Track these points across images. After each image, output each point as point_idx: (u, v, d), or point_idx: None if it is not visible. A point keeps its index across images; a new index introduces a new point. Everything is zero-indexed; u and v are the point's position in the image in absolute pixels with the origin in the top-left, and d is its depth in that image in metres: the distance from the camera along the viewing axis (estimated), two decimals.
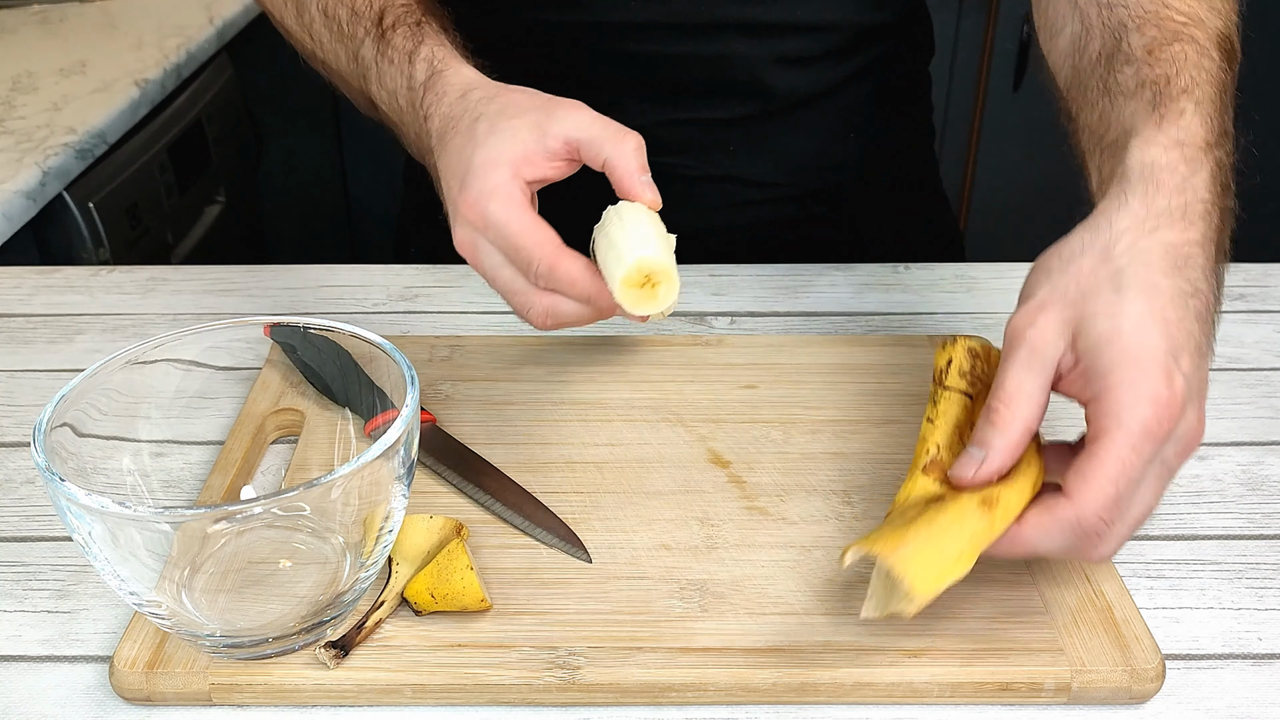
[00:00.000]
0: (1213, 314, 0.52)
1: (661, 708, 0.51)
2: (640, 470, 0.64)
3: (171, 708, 0.51)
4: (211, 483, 0.61)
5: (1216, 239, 0.53)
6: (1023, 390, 0.50)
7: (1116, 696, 0.51)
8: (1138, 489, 0.48)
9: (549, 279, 0.56)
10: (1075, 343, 0.51)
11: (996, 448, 0.50)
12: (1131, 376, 0.48)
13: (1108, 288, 0.50)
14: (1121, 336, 0.49)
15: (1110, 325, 0.49)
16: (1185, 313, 0.50)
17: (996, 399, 0.51)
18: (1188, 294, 0.50)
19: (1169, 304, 0.50)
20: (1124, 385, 0.48)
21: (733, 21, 0.84)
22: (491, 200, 0.56)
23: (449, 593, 0.53)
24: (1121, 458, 0.47)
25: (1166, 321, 0.49)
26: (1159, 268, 0.50)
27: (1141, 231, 0.51)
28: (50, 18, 1.61)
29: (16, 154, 1.16)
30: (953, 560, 0.47)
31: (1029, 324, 0.51)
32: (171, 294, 0.85)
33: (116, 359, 0.55)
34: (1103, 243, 0.52)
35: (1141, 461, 0.48)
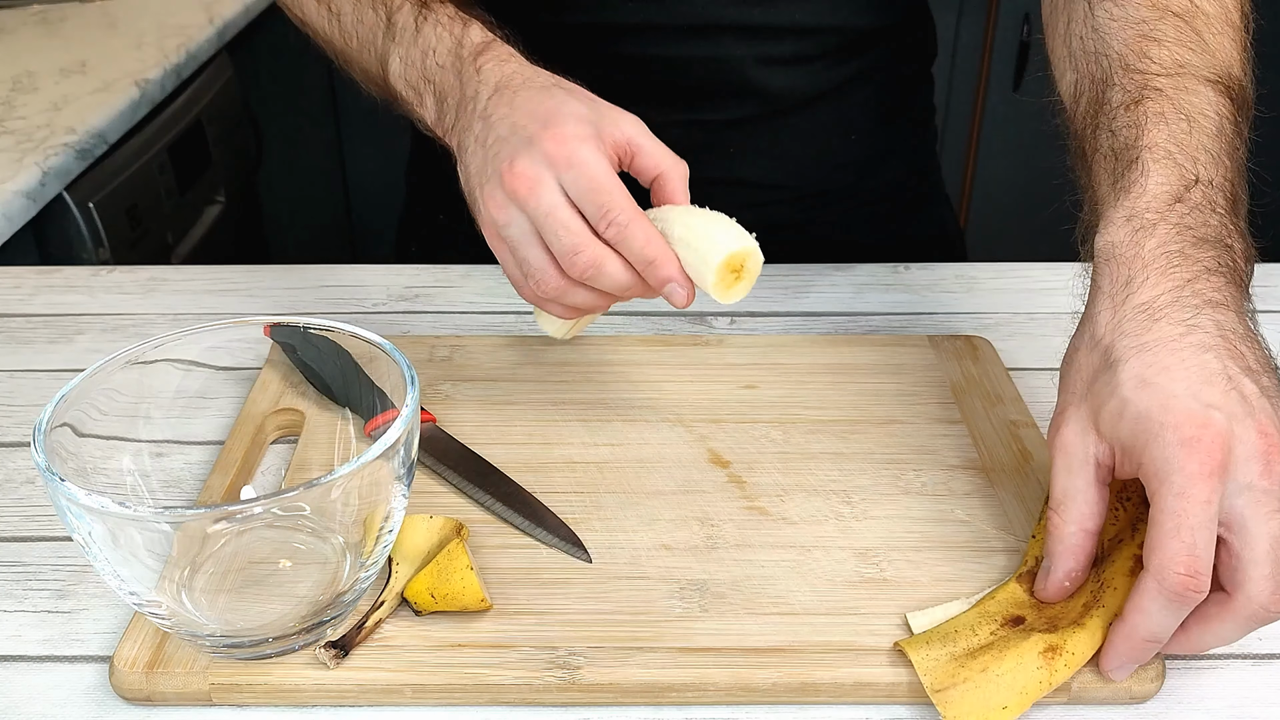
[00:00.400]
0: (1241, 328, 0.51)
1: (661, 708, 0.51)
2: (640, 470, 0.64)
3: (171, 708, 0.51)
4: (211, 483, 0.61)
5: (1208, 268, 0.52)
6: (1068, 493, 0.52)
7: (1116, 696, 0.51)
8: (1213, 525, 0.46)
9: (622, 231, 0.57)
10: (1101, 433, 0.51)
11: (1057, 553, 0.52)
12: (1154, 432, 0.48)
13: (1103, 369, 0.51)
14: (1129, 405, 0.49)
15: (1117, 401, 0.50)
16: (1188, 352, 0.49)
17: (1049, 509, 0.53)
18: (1182, 334, 0.50)
19: (1165, 354, 0.49)
20: (1153, 444, 0.48)
21: (730, 24, 0.84)
22: (584, 144, 0.57)
23: (449, 593, 0.53)
24: (1174, 510, 0.46)
25: (1168, 369, 0.49)
26: (1140, 328, 0.51)
27: (1114, 306, 0.52)
28: (50, 18, 1.61)
29: (16, 154, 1.16)
30: (997, 710, 0.48)
31: (1056, 432, 0.53)
32: (171, 294, 0.85)
33: (116, 359, 0.55)
34: (1089, 332, 0.54)
35: (1198, 504, 0.46)
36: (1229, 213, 0.55)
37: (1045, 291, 0.86)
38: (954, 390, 0.71)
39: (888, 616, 0.54)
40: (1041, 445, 0.66)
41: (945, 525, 0.60)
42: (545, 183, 0.57)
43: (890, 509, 0.61)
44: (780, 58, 0.86)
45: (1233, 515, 0.47)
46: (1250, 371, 0.49)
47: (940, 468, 0.64)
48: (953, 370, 0.73)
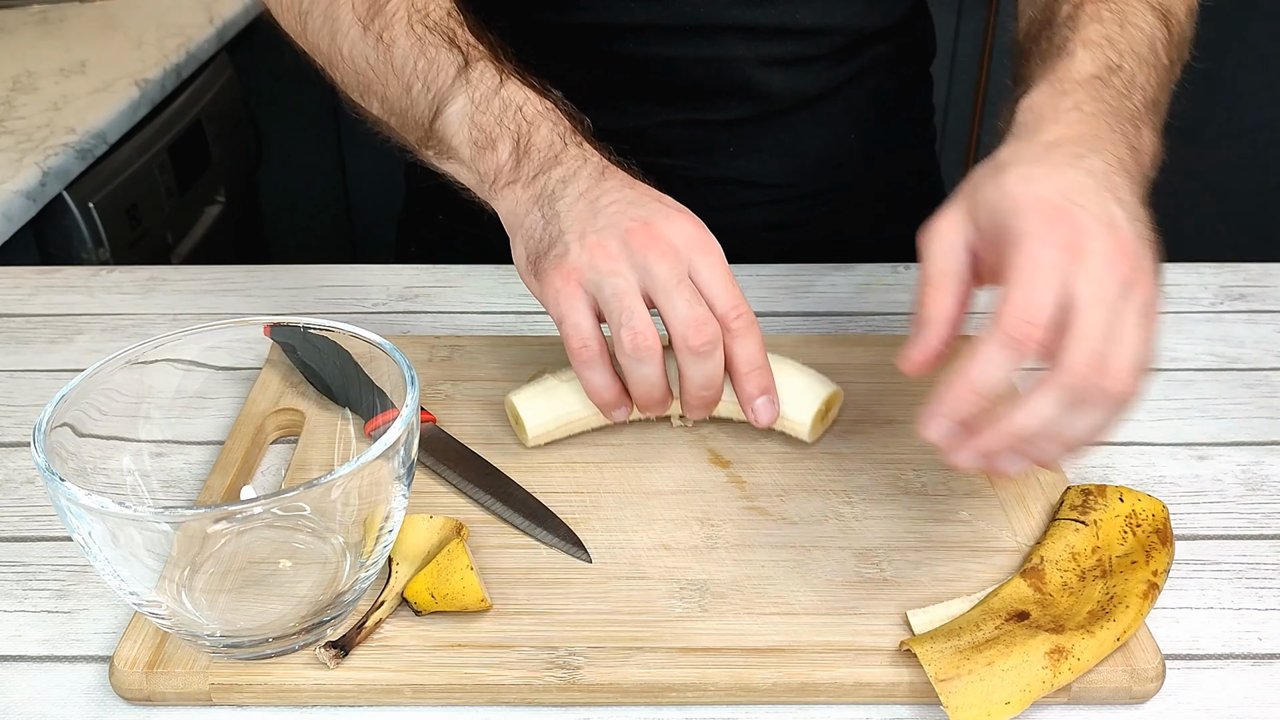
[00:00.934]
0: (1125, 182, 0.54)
1: (661, 708, 0.51)
2: (640, 470, 0.64)
3: (171, 708, 0.51)
4: (211, 483, 0.61)
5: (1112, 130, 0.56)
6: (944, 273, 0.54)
7: (1116, 696, 0.51)
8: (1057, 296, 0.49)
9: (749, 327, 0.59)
10: (976, 220, 0.54)
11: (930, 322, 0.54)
12: (1020, 210, 0.51)
13: (991, 175, 0.54)
14: (1004, 190, 0.52)
15: (994, 187, 0.53)
16: (1071, 172, 0.52)
17: (921, 286, 0.54)
18: (1071, 162, 0.53)
19: (1049, 168, 0.53)
20: (1017, 219, 0.51)
21: (731, 24, 0.84)
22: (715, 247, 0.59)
23: (449, 593, 0.53)
24: (1024, 269, 0.50)
25: (1049, 177, 0.52)
26: (1035, 154, 0.54)
27: (1017, 142, 0.56)
28: (50, 18, 1.61)
29: (16, 154, 1.16)
30: (999, 705, 0.48)
31: (934, 221, 0.55)
32: (171, 294, 0.85)
33: (116, 359, 0.55)
34: (991, 160, 0.56)
35: (1047, 266, 0.49)
36: (1145, 108, 0.58)
37: None
38: None
39: (888, 616, 0.54)
40: None
41: (945, 525, 0.60)
42: (678, 255, 0.58)
43: (890, 509, 0.61)
44: (781, 58, 0.86)
45: (1072, 296, 0.49)
46: (1122, 202, 0.52)
47: (940, 468, 0.64)
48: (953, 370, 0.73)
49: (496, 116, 0.64)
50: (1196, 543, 0.61)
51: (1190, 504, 0.63)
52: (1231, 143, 2.37)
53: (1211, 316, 0.82)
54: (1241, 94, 2.30)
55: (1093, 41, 0.59)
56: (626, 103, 0.89)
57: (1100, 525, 0.57)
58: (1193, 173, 2.41)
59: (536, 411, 0.64)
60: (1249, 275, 0.88)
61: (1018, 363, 0.49)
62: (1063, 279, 0.49)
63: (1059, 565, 0.55)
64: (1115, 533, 0.57)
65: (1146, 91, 0.59)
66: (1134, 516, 0.58)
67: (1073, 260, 0.49)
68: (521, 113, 0.63)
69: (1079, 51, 0.59)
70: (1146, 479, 0.65)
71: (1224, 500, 0.64)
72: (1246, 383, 0.74)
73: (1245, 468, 0.66)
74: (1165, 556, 0.56)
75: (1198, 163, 2.39)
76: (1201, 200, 2.45)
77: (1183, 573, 0.59)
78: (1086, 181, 0.52)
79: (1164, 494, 0.64)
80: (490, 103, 0.64)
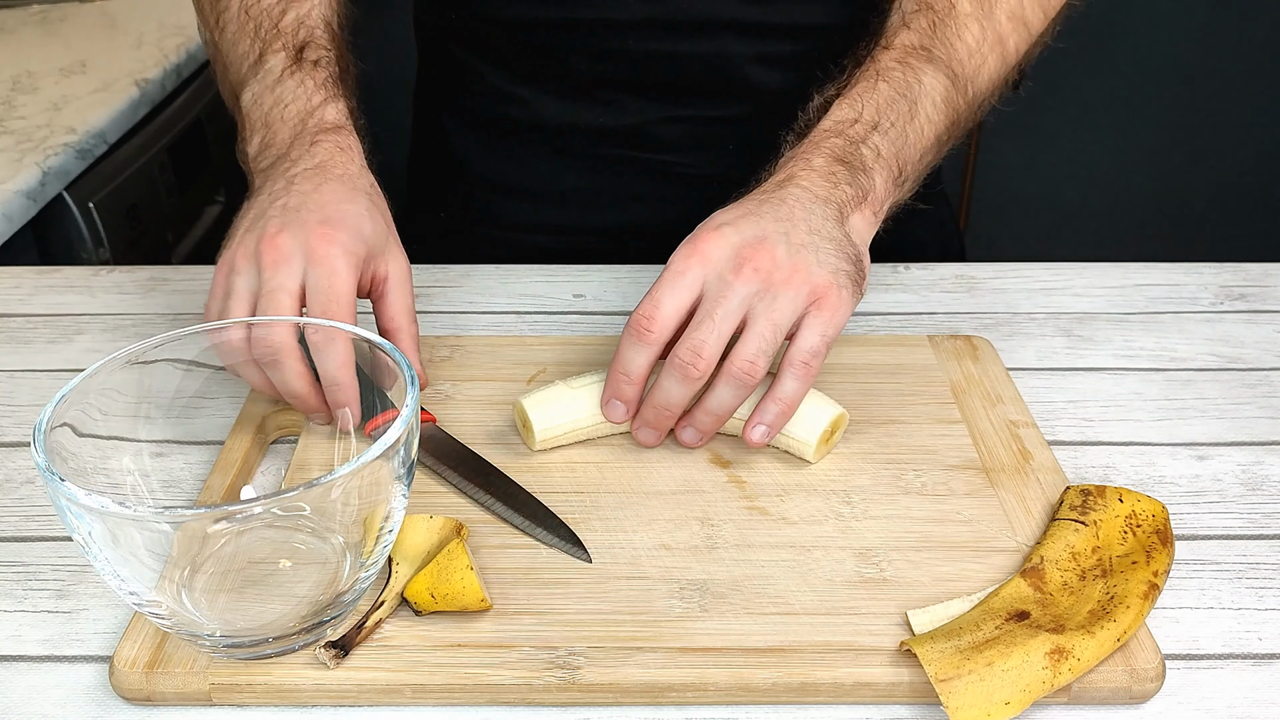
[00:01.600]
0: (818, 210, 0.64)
1: (661, 708, 0.51)
2: (640, 470, 0.64)
3: (171, 708, 0.51)
4: (211, 483, 0.61)
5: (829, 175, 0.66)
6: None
7: (1116, 696, 0.51)
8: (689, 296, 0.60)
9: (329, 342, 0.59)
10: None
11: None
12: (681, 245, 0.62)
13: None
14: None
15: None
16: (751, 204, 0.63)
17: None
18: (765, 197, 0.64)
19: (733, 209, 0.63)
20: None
21: (729, 21, 0.84)
22: (345, 257, 0.62)
23: (449, 593, 0.53)
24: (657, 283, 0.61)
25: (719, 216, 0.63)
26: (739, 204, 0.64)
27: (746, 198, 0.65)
28: (50, 18, 1.61)
29: (16, 154, 1.16)
30: (1000, 705, 0.48)
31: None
32: (171, 294, 0.85)
33: (116, 359, 0.55)
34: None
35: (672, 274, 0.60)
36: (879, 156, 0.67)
37: (1045, 291, 0.86)
38: (954, 390, 0.71)
39: (888, 616, 0.54)
40: (1042, 445, 0.66)
41: (945, 525, 0.60)
42: (291, 265, 0.61)
43: (890, 509, 0.61)
44: (779, 56, 0.86)
45: (706, 298, 0.60)
46: (791, 222, 0.62)
47: (940, 468, 0.64)
48: (953, 370, 0.73)
49: (265, 111, 0.70)
50: (1196, 543, 0.61)
51: (1190, 504, 0.63)
52: (1231, 143, 2.37)
53: (1211, 316, 0.82)
54: (1241, 94, 2.30)
55: (847, 99, 0.69)
56: (626, 100, 0.89)
57: (1100, 525, 0.57)
58: (1193, 173, 2.42)
59: (546, 416, 0.64)
60: (1249, 275, 0.88)
61: (647, 351, 0.61)
62: (689, 280, 0.60)
63: (1059, 565, 0.55)
64: (1115, 533, 0.57)
65: (889, 138, 0.68)
66: (1134, 517, 0.58)
67: (704, 265, 0.60)
68: (283, 111, 0.70)
69: (832, 109, 0.69)
70: (1146, 479, 0.65)
71: (1224, 500, 0.64)
72: (1247, 383, 0.74)
73: (1245, 468, 0.66)
74: (1166, 557, 0.56)
75: (1198, 163, 2.39)
76: (1201, 200, 2.45)
77: (1183, 573, 0.59)
78: (754, 210, 0.62)
79: (1164, 494, 0.64)
80: (264, 96, 0.71)
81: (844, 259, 0.63)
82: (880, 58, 0.72)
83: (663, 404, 0.62)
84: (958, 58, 0.74)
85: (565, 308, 0.84)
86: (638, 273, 0.88)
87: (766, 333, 0.60)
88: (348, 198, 0.65)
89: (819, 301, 0.61)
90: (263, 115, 0.70)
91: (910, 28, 0.74)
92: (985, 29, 0.76)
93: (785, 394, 0.61)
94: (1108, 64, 2.29)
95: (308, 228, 0.62)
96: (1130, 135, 2.38)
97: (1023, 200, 2.43)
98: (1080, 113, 2.35)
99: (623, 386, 0.63)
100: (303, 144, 0.68)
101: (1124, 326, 0.81)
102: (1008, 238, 2.42)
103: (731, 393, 0.61)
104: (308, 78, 0.71)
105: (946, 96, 0.72)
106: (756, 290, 0.60)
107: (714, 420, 0.63)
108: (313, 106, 0.70)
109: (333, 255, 0.61)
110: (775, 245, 0.61)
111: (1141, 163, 2.41)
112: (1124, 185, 2.43)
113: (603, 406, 0.64)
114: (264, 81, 0.71)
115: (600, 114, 0.90)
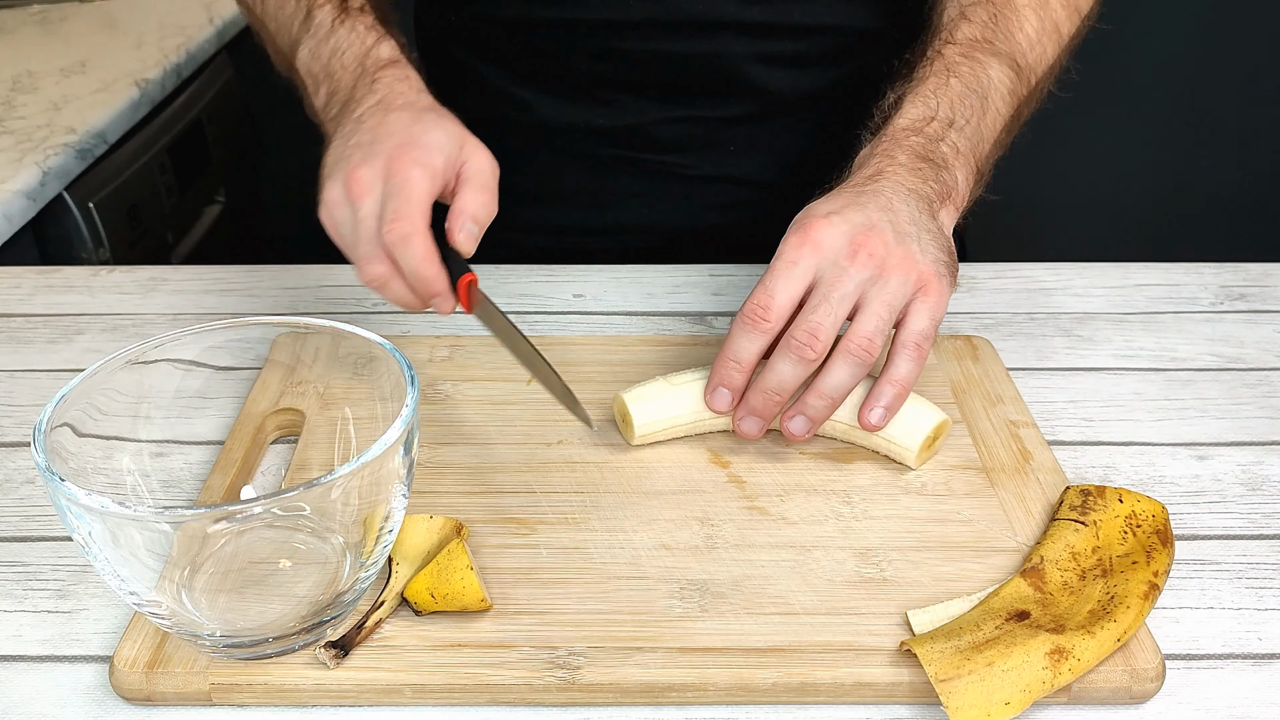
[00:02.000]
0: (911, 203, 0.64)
1: (661, 708, 0.51)
2: (640, 470, 0.64)
3: (171, 708, 0.51)
4: (211, 483, 0.61)
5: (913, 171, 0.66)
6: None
7: (1116, 696, 0.51)
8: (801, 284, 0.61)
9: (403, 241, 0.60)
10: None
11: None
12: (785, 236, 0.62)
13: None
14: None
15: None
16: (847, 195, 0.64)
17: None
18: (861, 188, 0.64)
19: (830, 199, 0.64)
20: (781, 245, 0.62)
21: (730, 20, 0.84)
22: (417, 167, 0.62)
23: (449, 593, 0.53)
24: (769, 271, 0.61)
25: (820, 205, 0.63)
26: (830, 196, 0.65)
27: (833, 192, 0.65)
28: (50, 18, 1.61)
29: (16, 154, 1.16)
30: (1000, 705, 0.48)
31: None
32: (171, 294, 0.85)
33: (116, 359, 0.55)
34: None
35: (784, 264, 0.61)
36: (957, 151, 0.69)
37: (1045, 291, 0.86)
38: (954, 390, 0.71)
39: (888, 616, 0.54)
40: (1042, 445, 0.66)
41: (945, 525, 0.60)
42: (374, 193, 0.62)
43: (890, 509, 0.61)
44: (779, 56, 0.86)
45: (819, 280, 0.61)
46: (894, 212, 0.63)
47: (940, 468, 0.64)
48: (953, 370, 0.73)
49: (324, 63, 0.73)
50: (1196, 543, 0.61)
51: (1190, 504, 0.63)
52: (1231, 143, 2.37)
53: (1211, 316, 0.82)
54: (1242, 94, 2.30)
55: (920, 96, 0.70)
56: (626, 100, 0.89)
57: (1100, 526, 0.57)
58: (1193, 173, 2.42)
59: (646, 411, 0.65)
60: (1249, 275, 0.88)
61: (761, 339, 0.61)
62: (802, 269, 0.60)
63: (1059, 564, 0.55)
64: (1115, 533, 0.57)
65: (965, 134, 0.69)
66: (1134, 517, 0.58)
67: (816, 253, 0.61)
68: (341, 59, 0.72)
69: (905, 106, 0.70)
70: (1146, 479, 0.65)
71: (1224, 500, 0.64)
72: (1247, 383, 0.74)
73: (1245, 468, 0.66)
74: (1166, 557, 0.56)
75: (1198, 163, 2.40)
76: (1201, 200, 2.45)
77: (1183, 573, 0.59)
78: (855, 200, 0.63)
79: (1164, 494, 0.64)
80: (321, 50, 0.73)
81: (942, 249, 0.64)
82: (946, 52, 0.73)
83: (774, 387, 0.61)
84: (1019, 50, 0.75)
85: (565, 308, 0.84)
86: (638, 273, 0.88)
87: (883, 313, 0.61)
88: (413, 119, 0.66)
89: (925, 288, 0.62)
90: (323, 67, 0.73)
91: (971, 20, 0.75)
92: (1043, 19, 0.77)
93: (901, 375, 0.62)
94: (1108, 64, 2.29)
95: (382, 156, 0.63)
96: (1130, 135, 2.38)
97: (1023, 200, 2.42)
98: (1080, 113, 2.35)
99: (732, 374, 0.62)
100: (364, 84, 0.69)
101: (1124, 326, 0.81)
102: (1008, 238, 2.42)
103: (849, 372, 0.61)
104: (357, 23, 0.73)
105: (1012, 89, 0.73)
106: (870, 275, 0.61)
107: (827, 405, 0.62)
108: (367, 47, 0.72)
109: (405, 167, 0.62)
110: (885, 232, 0.61)
111: (1141, 163, 2.41)
112: (1124, 185, 2.43)
113: (707, 395, 0.64)
114: (316, 36, 0.73)
115: (600, 114, 0.90)
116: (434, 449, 0.66)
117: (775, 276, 0.61)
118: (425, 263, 0.60)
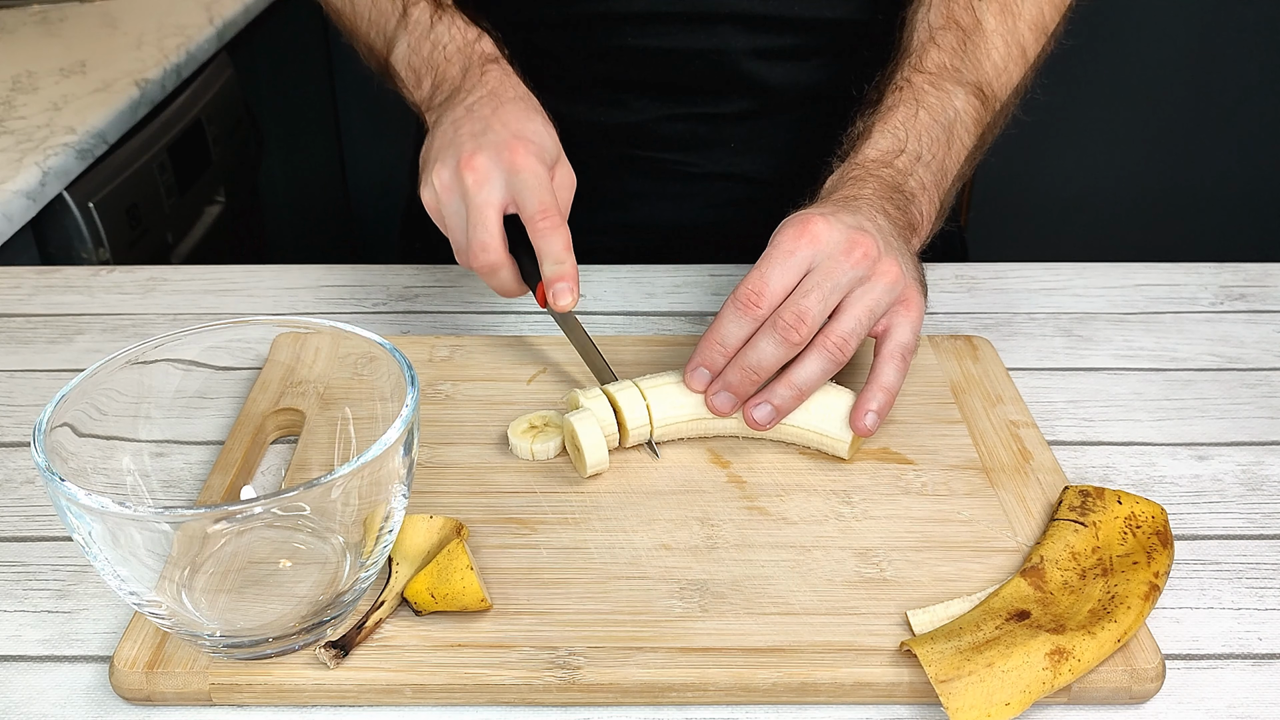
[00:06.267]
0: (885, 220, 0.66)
1: (661, 708, 0.51)
2: (640, 470, 0.64)
3: (171, 708, 0.51)
4: (211, 483, 0.61)
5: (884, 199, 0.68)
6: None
7: (1116, 696, 0.51)
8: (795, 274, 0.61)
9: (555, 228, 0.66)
10: None
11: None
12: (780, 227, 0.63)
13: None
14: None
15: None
16: (834, 203, 0.65)
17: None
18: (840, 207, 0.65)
19: (817, 206, 0.65)
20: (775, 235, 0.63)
21: (729, 13, 0.84)
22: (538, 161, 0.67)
23: (449, 593, 0.53)
24: (763, 258, 0.62)
25: (813, 208, 0.64)
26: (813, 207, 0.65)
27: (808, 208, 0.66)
28: (50, 18, 1.61)
29: (16, 154, 1.16)
30: (1000, 705, 0.48)
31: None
32: (171, 294, 0.85)
33: (116, 359, 0.55)
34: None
35: (782, 253, 0.61)
36: (924, 185, 0.70)
37: (1045, 291, 0.86)
38: (954, 390, 0.71)
39: (888, 616, 0.54)
40: (1042, 445, 0.66)
41: (945, 525, 0.60)
42: (492, 181, 0.66)
43: (890, 509, 0.61)
44: (778, 50, 0.87)
45: (814, 271, 0.62)
46: (879, 226, 0.64)
47: (940, 468, 0.64)
48: (953, 370, 0.73)
49: (425, 57, 0.76)
50: (1196, 543, 0.61)
51: (1190, 504, 0.63)
52: (1231, 142, 2.37)
53: (1211, 316, 0.82)
54: (1242, 94, 2.30)
55: (890, 128, 0.71)
56: (627, 98, 0.89)
57: (1100, 526, 0.57)
58: (1193, 173, 2.42)
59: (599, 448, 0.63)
60: (1249, 275, 0.88)
61: (750, 325, 0.61)
62: (799, 260, 0.61)
63: (1059, 564, 0.55)
64: (1115, 533, 0.57)
65: (931, 170, 0.71)
66: (1134, 518, 0.58)
67: (813, 246, 0.61)
68: (444, 51, 0.75)
69: (875, 136, 0.71)
70: (1146, 479, 0.65)
71: (1224, 500, 0.64)
72: (1247, 383, 0.74)
73: (1245, 468, 0.66)
74: (1166, 558, 0.56)
75: (1198, 162, 2.39)
76: (1201, 200, 2.45)
77: (1183, 573, 0.59)
78: (846, 207, 0.64)
79: (1164, 494, 0.64)
80: (421, 44, 0.76)
81: (917, 268, 0.66)
82: (915, 80, 0.74)
83: (754, 365, 0.62)
84: (986, 78, 0.76)
85: None
86: (638, 273, 0.88)
87: (863, 317, 0.62)
88: (526, 115, 0.69)
89: (906, 301, 0.63)
90: (424, 60, 0.76)
91: (940, 46, 0.76)
92: (1010, 43, 0.78)
93: (889, 382, 0.63)
94: (1108, 64, 2.29)
95: (499, 145, 0.66)
96: (1130, 135, 2.38)
97: (1023, 200, 2.42)
98: (1080, 113, 2.35)
99: (716, 356, 0.63)
100: (473, 75, 0.73)
101: (1124, 326, 0.81)
102: (1008, 238, 2.42)
103: (820, 367, 0.62)
104: (455, 19, 0.76)
105: (977, 118, 0.75)
106: (861, 275, 0.62)
107: (794, 396, 0.63)
108: (469, 40, 0.75)
109: (532, 162, 0.66)
110: (876, 238, 0.63)
111: (1141, 163, 2.42)
112: (1124, 185, 2.43)
113: (687, 374, 0.64)
114: (415, 33, 0.77)
115: (601, 112, 0.90)
116: (434, 449, 0.66)
117: (771, 264, 0.61)
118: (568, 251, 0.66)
